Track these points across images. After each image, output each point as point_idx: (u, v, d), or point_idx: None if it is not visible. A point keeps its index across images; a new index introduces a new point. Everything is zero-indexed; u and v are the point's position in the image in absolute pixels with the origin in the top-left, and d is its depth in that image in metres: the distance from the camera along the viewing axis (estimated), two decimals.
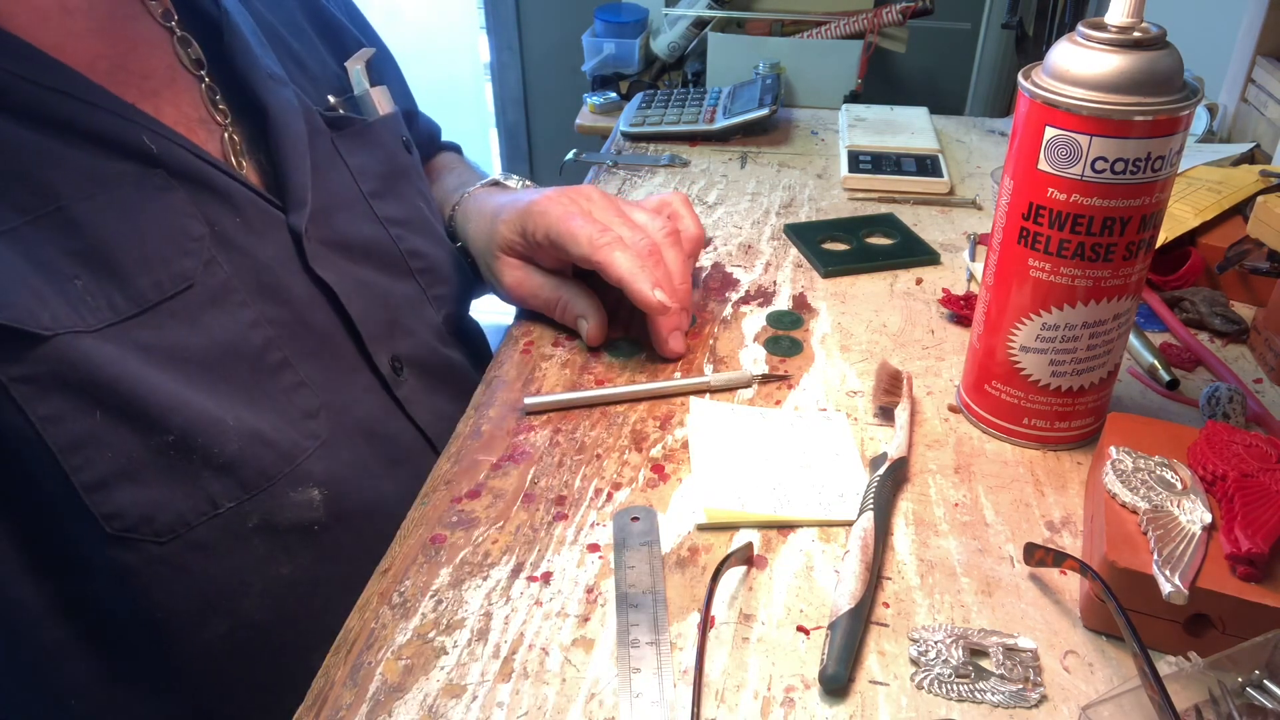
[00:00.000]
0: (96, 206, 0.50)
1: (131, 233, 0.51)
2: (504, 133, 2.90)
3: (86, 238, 0.49)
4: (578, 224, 0.62)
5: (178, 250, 0.52)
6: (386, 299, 0.65)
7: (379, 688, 0.42)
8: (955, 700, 0.41)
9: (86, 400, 0.47)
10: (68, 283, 0.48)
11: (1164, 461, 0.48)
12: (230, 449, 0.52)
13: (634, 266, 0.60)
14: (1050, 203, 0.49)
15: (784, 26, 2.15)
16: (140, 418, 0.49)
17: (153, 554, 0.50)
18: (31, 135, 0.49)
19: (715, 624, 0.45)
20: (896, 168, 0.90)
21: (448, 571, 0.48)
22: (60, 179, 0.49)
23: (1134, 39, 0.46)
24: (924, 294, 0.72)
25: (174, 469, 0.50)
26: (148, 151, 0.52)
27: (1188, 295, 0.69)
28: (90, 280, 0.49)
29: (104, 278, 0.49)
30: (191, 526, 0.51)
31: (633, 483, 0.54)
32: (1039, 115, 0.48)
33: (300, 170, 0.60)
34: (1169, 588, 0.40)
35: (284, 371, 0.56)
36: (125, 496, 0.49)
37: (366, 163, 0.68)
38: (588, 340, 0.65)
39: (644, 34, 2.30)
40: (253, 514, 0.53)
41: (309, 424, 0.56)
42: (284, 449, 0.54)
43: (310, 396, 0.57)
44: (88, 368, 0.47)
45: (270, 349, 0.56)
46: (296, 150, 0.61)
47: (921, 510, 0.52)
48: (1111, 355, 0.54)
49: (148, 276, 0.51)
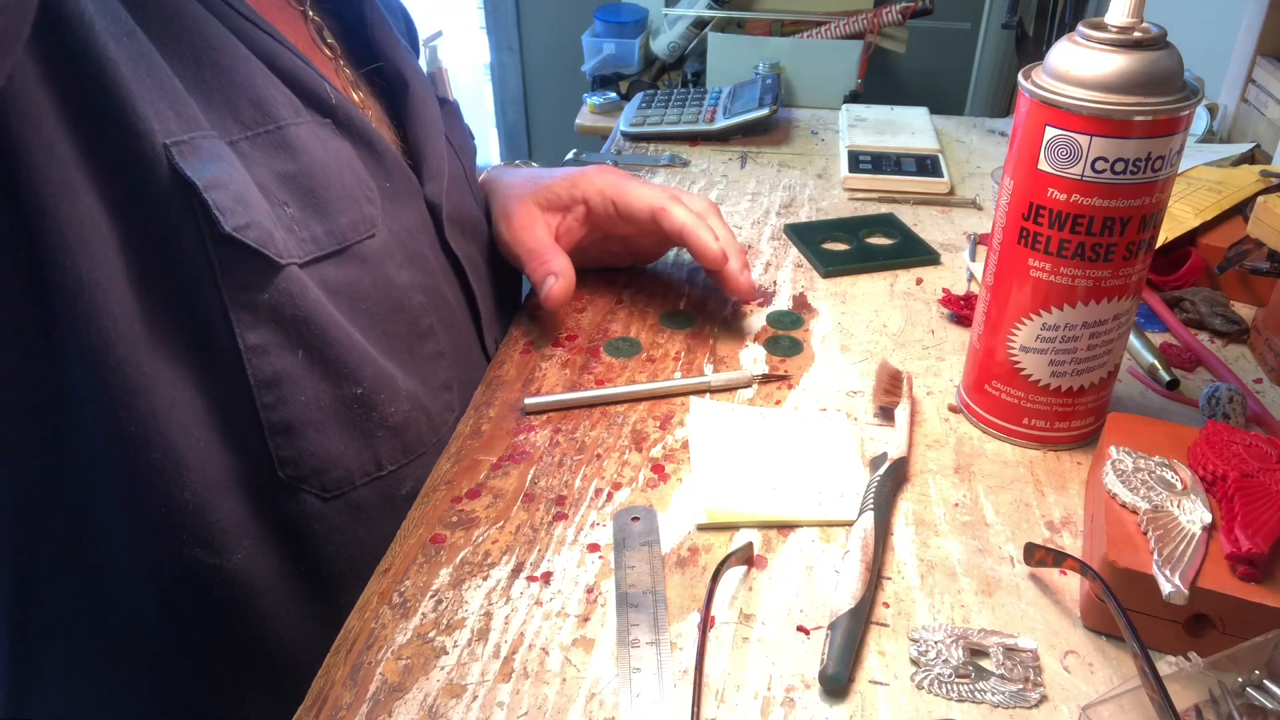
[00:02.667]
0: (304, 134, 0.50)
1: (333, 167, 0.51)
2: (504, 133, 2.90)
3: (297, 162, 0.49)
4: (635, 184, 0.64)
5: (364, 197, 0.53)
6: (488, 281, 0.66)
7: (379, 688, 0.42)
8: (955, 700, 0.41)
9: (293, 337, 0.47)
10: (279, 208, 0.48)
11: (1164, 461, 0.48)
12: (402, 410, 0.52)
13: (694, 219, 0.62)
14: (1050, 203, 0.49)
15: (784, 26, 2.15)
16: (336, 364, 0.49)
17: (313, 509, 0.50)
18: (248, 52, 0.49)
19: (715, 624, 0.45)
20: (896, 168, 0.90)
21: (448, 571, 0.48)
22: (276, 99, 0.49)
23: (1134, 39, 0.46)
24: (924, 294, 0.72)
25: (354, 423, 0.50)
26: (327, 101, 0.52)
27: (1188, 295, 0.69)
28: (298, 209, 0.49)
29: (309, 208, 0.49)
30: (355, 486, 0.51)
31: (633, 483, 0.54)
32: (1039, 115, 0.48)
33: (436, 144, 0.61)
34: (1169, 588, 0.40)
35: (430, 339, 0.57)
36: (305, 444, 0.49)
37: (460, 144, 0.69)
38: (547, 300, 0.63)
39: (644, 34, 2.30)
40: (407, 479, 0.54)
41: (445, 395, 0.57)
42: (432, 418, 0.55)
43: (447, 368, 0.58)
44: (301, 303, 0.47)
45: (422, 314, 0.56)
46: (434, 124, 0.62)
47: (921, 510, 0.52)
48: (1111, 355, 0.54)
49: (346, 215, 0.51)
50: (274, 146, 0.48)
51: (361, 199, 0.53)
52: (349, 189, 0.52)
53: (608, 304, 0.71)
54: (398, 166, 0.58)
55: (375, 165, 0.55)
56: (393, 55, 0.61)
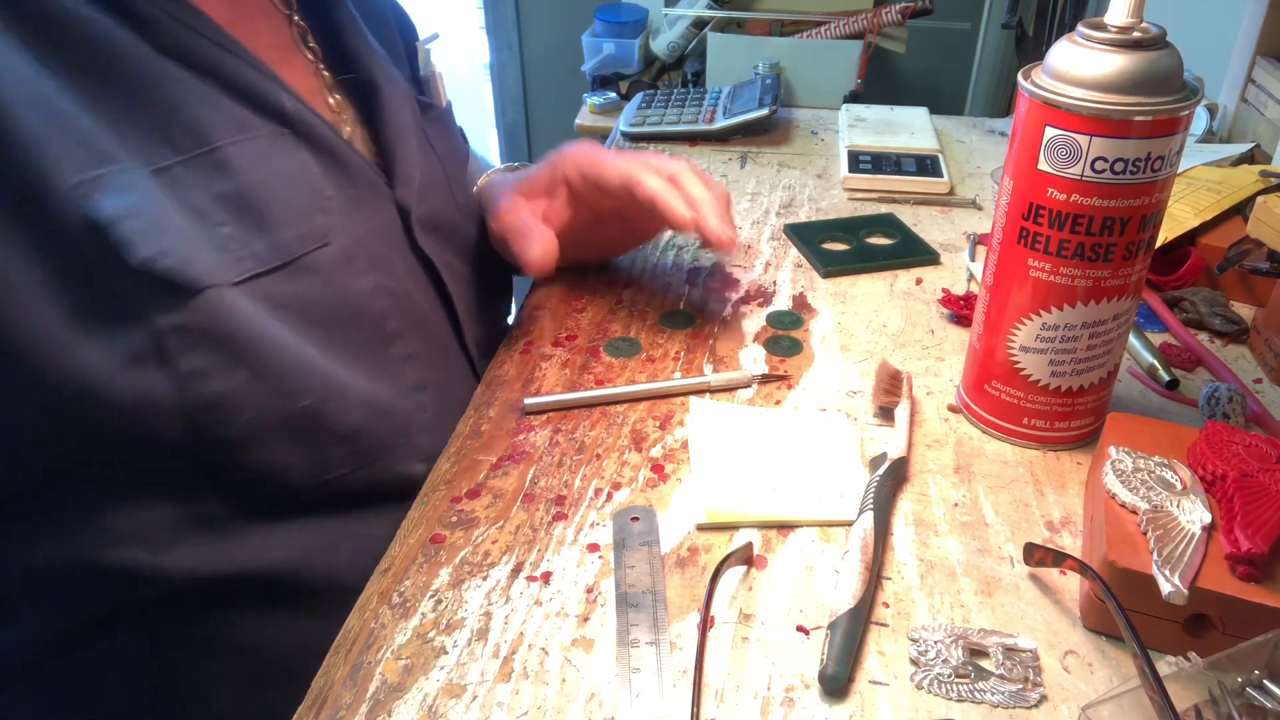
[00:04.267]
0: (245, 152, 0.50)
1: (276, 182, 0.51)
2: (504, 133, 2.90)
3: (236, 181, 0.49)
4: (608, 156, 0.65)
5: (315, 207, 0.53)
6: (466, 282, 0.66)
7: (379, 687, 0.42)
8: (955, 700, 0.41)
9: (230, 357, 0.47)
10: (215, 228, 0.48)
11: (1164, 461, 0.48)
12: (353, 418, 0.52)
13: (664, 187, 0.62)
14: (1050, 203, 0.49)
15: (784, 26, 2.16)
16: (279, 379, 0.49)
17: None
18: (184, 74, 0.49)
19: (715, 624, 0.45)
20: (896, 168, 0.90)
21: (448, 571, 0.48)
22: (212, 120, 0.49)
23: (1134, 39, 0.46)
24: (924, 294, 0.72)
25: (300, 435, 0.50)
26: (282, 110, 0.53)
27: (1188, 295, 0.69)
28: (236, 227, 0.49)
29: (249, 225, 0.49)
30: (298, 491, 0.51)
31: (633, 483, 0.54)
32: (1039, 115, 0.48)
33: (407, 148, 0.62)
34: (1169, 588, 0.40)
35: (398, 342, 0.57)
36: (246, 458, 0.49)
37: (445, 148, 0.69)
38: (530, 265, 0.64)
39: (644, 34, 2.30)
40: (360, 482, 0.54)
41: (418, 397, 0.57)
42: (399, 420, 0.55)
43: (419, 369, 0.58)
44: (234, 321, 0.47)
45: (387, 318, 0.56)
46: (405, 128, 0.62)
47: (921, 510, 0.52)
48: (1111, 355, 0.54)
49: (291, 229, 0.51)
50: (210, 168, 0.48)
51: (313, 210, 0.53)
52: (297, 201, 0.52)
53: (607, 304, 0.71)
54: (363, 172, 0.58)
55: (337, 172, 0.56)
56: (364, 59, 0.61)
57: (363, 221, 0.57)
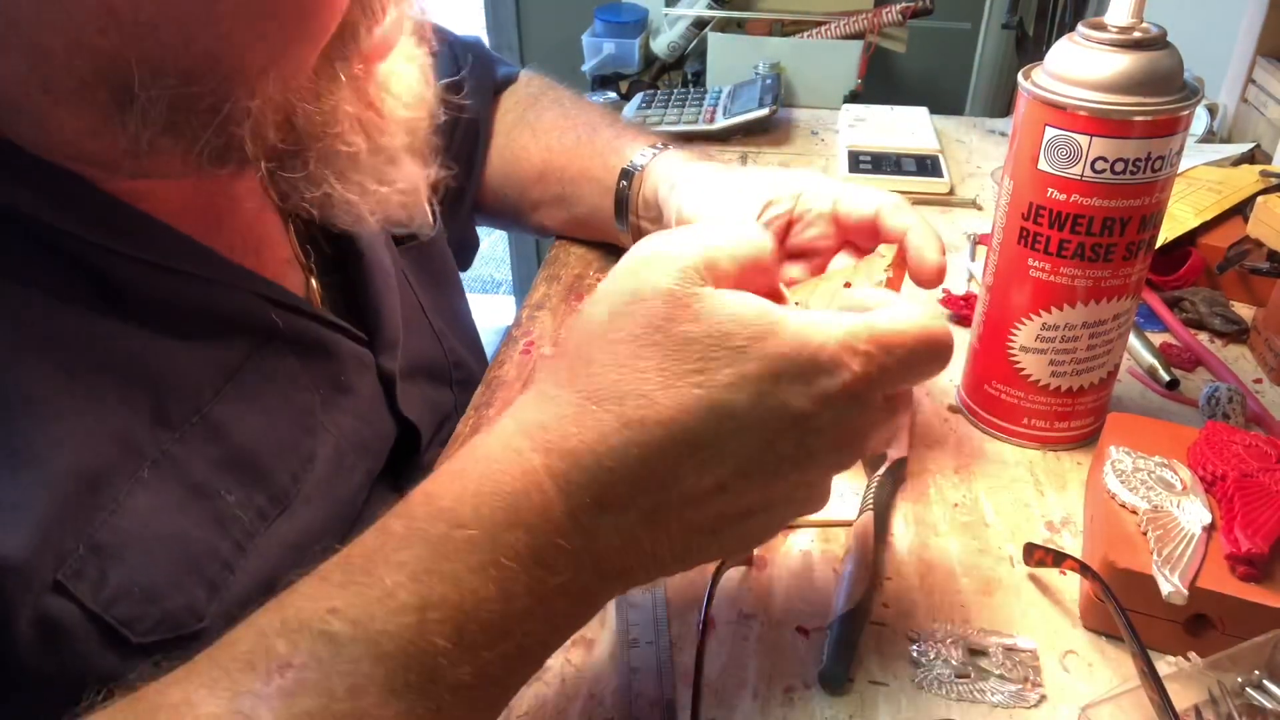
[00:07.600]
0: (230, 404, 0.45)
1: (264, 423, 0.47)
2: None
3: (229, 442, 0.45)
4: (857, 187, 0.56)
5: (301, 429, 0.49)
6: (436, 414, 0.62)
7: None
8: (955, 700, 0.41)
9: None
10: (219, 499, 0.44)
11: (1164, 461, 0.48)
12: None
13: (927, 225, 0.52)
14: (1050, 203, 0.49)
15: (784, 26, 2.15)
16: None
17: None
18: (162, 339, 0.43)
19: (715, 624, 0.45)
20: (896, 168, 0.90)
21: None
22: (194, 379, 0.44)
23: (1134, 39, 0.46)
24: (924, 294, 0.72)
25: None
26: (273, 326, 0.48)
27: (1188, 295, 0.69)
28: (238, 489, 0.45)
29: (250, 483, 0.45)
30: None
31: None
32: (1039, 115, 0.48)
33: (392, 309, 0.57)
34: (1169, 588, 0.40)
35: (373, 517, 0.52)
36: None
37: (424, 277, 0.65)
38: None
39: (644, 34, 2.30)
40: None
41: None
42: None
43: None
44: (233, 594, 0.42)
45: (369, 507, 0.52)
46: (389, 290, 0.57)
47: (921, 510, 0.52)
48: (1111, 355, 0.54)
49: (285, 469, 0.47)
50: (203, 437, 0.44)
51: (301, 434, 0.49)
52: (285, 436, 0.48)
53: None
54: (351, 356, 0.53)
55: (322, 363, 0.51)
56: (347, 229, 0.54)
57: (347, 405, 0.53)
